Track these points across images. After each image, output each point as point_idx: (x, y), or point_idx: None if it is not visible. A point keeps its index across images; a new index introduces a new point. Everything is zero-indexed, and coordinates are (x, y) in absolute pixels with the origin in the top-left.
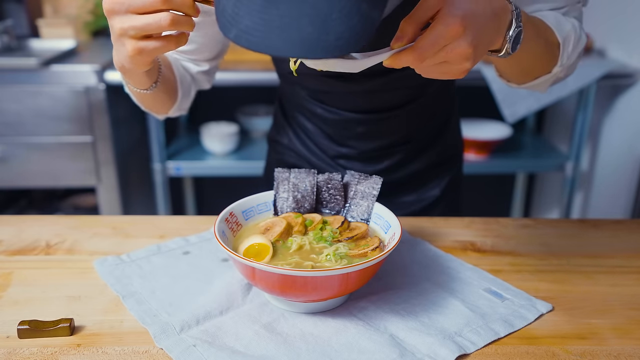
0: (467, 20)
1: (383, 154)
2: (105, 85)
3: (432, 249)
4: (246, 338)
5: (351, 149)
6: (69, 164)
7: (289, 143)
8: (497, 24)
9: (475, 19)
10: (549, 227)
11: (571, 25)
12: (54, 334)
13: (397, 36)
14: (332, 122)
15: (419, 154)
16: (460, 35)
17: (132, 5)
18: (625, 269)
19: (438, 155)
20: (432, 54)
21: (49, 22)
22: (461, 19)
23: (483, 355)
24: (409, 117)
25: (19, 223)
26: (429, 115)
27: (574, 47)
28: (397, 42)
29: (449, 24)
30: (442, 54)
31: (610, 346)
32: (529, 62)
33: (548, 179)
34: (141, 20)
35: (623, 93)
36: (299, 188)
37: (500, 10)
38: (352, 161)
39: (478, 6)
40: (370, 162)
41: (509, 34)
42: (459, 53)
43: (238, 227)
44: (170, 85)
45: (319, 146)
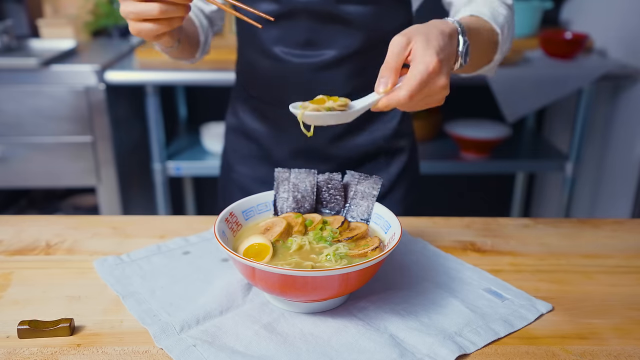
0: (440, 55)
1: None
2: (105, 85)
3: (432, 249)
4: (246, 338)
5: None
6: (69, 164)
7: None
8: (453, 47)
9: (443, 51)
10: (548, 227)
11: (504, 12)
12: (54, 334)
13: (380, 82)
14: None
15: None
16: (438, 71)
17: None
18: (625, 269)
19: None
20: (420, 91)
21: (49, 22)
22: (436, 55)
23: (483, 355)
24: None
25: (19, 223)
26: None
27: (509, 31)
28: (382, 87)
29: (428, 63)
30: (426, 90)
31: (610, 346)
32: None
33: (548, 179)
34: (138, 7)
35: (623, 93)
36: (299, 188)
37: (452, 32)
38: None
39: (439, 38)
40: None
41: (460, 50)
42: (439, 86)
43: (238, 227)
44: (193, 36)
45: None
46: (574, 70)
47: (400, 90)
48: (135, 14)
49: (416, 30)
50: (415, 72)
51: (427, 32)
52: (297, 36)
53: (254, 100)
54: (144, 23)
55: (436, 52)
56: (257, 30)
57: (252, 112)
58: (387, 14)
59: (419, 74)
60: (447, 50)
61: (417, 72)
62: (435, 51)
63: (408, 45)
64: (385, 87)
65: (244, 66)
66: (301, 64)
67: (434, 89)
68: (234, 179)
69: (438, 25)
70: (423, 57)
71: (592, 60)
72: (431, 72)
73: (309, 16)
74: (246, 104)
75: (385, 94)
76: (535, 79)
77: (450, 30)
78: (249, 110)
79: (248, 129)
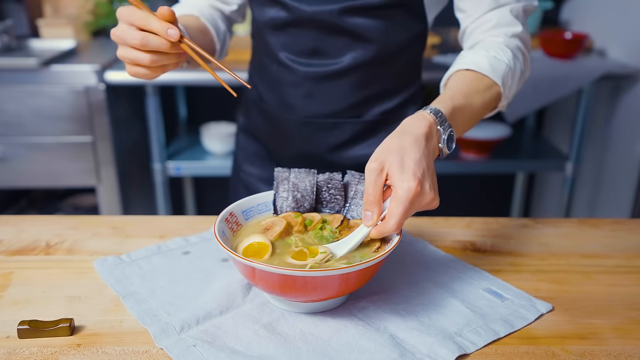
0: (419, 175)
1: (330, 124)
2: (105, 85)
3: (432, 249)
4: (246, 338)
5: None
6: (69, 164)
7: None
8: (430, 147)
9: (421, 167)
10: (548, 227)
11: (507, 60)
12: (54, 334)
13: (366, 216)
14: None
15: (369, 136)
16: (421, 191)
17: (125, 41)
18: (625, 269)
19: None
20: (406, 218)
21: (49, 22)
22: (414, 179)
23: (483, 355)
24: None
25: (19, 223)
26: (383, 91)
27: (513, 79)
28: (369, 222)
29: (408, 190)
30: (413, 210)
31: (610, 346)
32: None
33: (548, 179)
34: (131, 54)
35: (623, 93)
36: (299, 188)
37: (429, 131)
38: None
39: (414, 151)
40: (318, 132)
41: (441, 141)
42: (426, 202)
43: (238, 227)
44: (208, 48)
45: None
46: (574, 70)
47: (388, 222)
48: (129, 59)
49: (387, 149)
50: (396, 202)
51: (399, 147)
52: (304, 45)
53: (263, 102)
54: (139, 67)
55: (413, 173)
56: (265, 33)
57: (261, 114)
58: (397, 27)
59: (401, 203)
60: (424, 160)
61: (398, 202)
62: (412, 173)
63: (382, 171)
64: (371, 221)
65: (254, 65)
66: (307, 72)
67: (422, 206)
68: (241, 179)
69: (411, 129)
70: (401, 184)
71: (592, 60)
72: (413, 197)
73: (315, 26)
74: (256, 105)
75: (374, 226)
76: (535, 79)
77: (427, 129)
78: (258, 111)
79: (256, 130)
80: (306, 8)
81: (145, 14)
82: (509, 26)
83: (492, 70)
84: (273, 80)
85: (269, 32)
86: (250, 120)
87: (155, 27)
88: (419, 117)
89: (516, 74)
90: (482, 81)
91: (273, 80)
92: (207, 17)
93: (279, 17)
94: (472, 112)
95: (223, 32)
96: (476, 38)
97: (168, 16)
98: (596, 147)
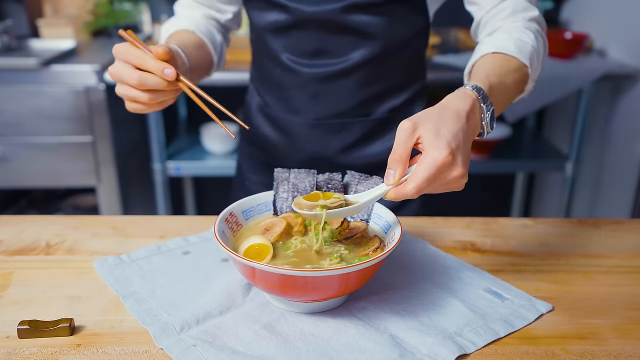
0: (453, 146)
1: (339, 124)
2: (105, 85)
3: (432, 249)
4: (246, 338)
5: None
6: (69, 164)
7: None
8: (471, 125)
9: (457, 140)
10: (549, 227)
11: (531, 41)
12: (54, 334)
13: (388, 174)
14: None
15: (379, 134)
16: (451, 162)
17: (123, 80)
18: (625, 269)
19: None
20: (428, 185)
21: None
22: (447, 148)
23: (483, 355)
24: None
25: (19, 223)
26: (389, 88)
27: (538, 61)
28: (390, 179)
29: (437, 157)
30: (439, 181)
31: (610, 346)
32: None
33: (548, 179)
34: (129, 92)
35: (623, 93)
36: (299, 188)
37: (471, 107)
38: (311, 133)
39: (453, 123)
40: (328, 134)
41: (484, 119)
42: (453, 177)
43: (238, 227)
44: (205, 62)
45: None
46: (574, 70)
47: (407, 185)
48: (128, 97)
49: (426, 115)
50: (423, 167)
51: (438, 117)
52: (306, 46)
53: (267, 107)
54: (137, 104)
55: (447, 142)
56: (266, 37)
57: (265, 119)
58: (400, 22)
59: (426, 169)
60: (462, 136)
61: (425, 167)
62: (446, 141)
63: (414, 132)
64: (393, 180)
65: (256, 71)
66: (311, 73)
67: (447, 180)
68: (246, 186)
69: (454, 105)
70: (432, 150)
71: (592, 60)
72: (441, 165)
73: (317, 26)
74: (260, 112)
75: (394, 186)
76: None
77: (469, 106)
78: (261, 116)
79: (260, 136)
80: (307, 8)
81: (140, 53)
82: (525, 11)
83: (519, 52)
84: (276, 85)
85: (270, 36)
86: (254, 129)
87: (151, 67)
88: (461, 94)
89: (540, 56)
90: (511, 62)
91: (276, 84)
92: (204, 31)
93: (279, 20)
94: (506, 92)
95: (220, 44)
96: (494, 26)
97: (163, 55)
98: (596, 147)
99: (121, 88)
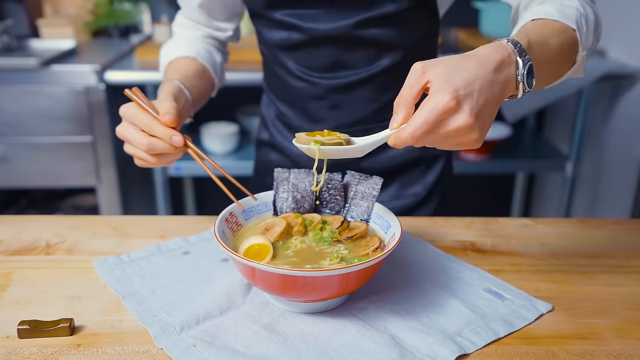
0: (461, 92)
1: (360, 131)
2: (105, 85)
3: (432, 249)
4: (246, 338)
5: (326, 125)
6: (69, 164)
7: (270, 138)
8: (501, 77)
9: (470, 87)
10: (549, 227)
11: (575, 5)
12: (54, 334)
13: (393, 118)
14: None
15: None
16: (454, 109)
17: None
18: (625, 269)
19: (422, 149)
20: (426, 132)
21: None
22: (452, 93)
23: (483, 355)
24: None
25: (19, 223)
26: None
27: (588, 26)
28: (394, 123)
29: (439, 101)
30: (441, 130)
31: (610, 346)
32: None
33: (548, 179)
34: (138, 154)
35: (623, 93)
36: (299, 188)
37: (500, 60)
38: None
39: (471, 71)
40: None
41: (520, 74)
42: (457, 127)
43: (238, 227)
44: (207, 88)
45: (297, 130)
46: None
47: (405, 128)
48: (137, 157)
49: (442, 59)
50: (422, 110)
51: (456, 62)
52: (321, 60)
53: (285, 116)
54: (145, 161)
55: (454, 87)
56: (278, 52)
57: (284, 127)
58: (415, 29)
59: (425, 112)
60: (478, 86)
61: (423, 110)
62: (454, 87)
63: (424, 74)
64: (396, 124)
65: (270, 82)
66: (329, 84)
67: (450, 131)
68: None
69: (481, 53)
70: (435, 94)
71: (592, 60)
72: (441, 110)
73: (332, 42)
74: (278, 120)
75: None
76: None
77: (501, 57)
78: (281, 125)
79: (279, 145)
80: (320, 27)
81: (148, 120)
82: None
83: (562, 16)
84: (294, 96)
85: (283, 52)
86: (271, 135)
87: (159, 133)
88: (495, 44)
89: (590, 20)
90: (555, 24)
91: (294, 95)
92: (204, 56)
93: (292, 38)
94: (550, 54)
95: (220, 64)
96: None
97: (170, 123)
98: (596, 147)
99: (130, 148)
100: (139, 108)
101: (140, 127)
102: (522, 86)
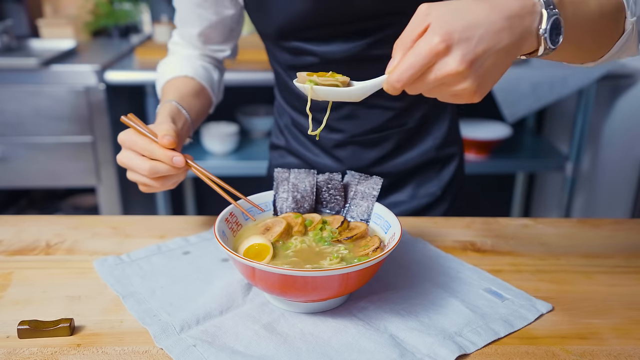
0: (455, 36)
1: (376, 138)
2: (105, 85)
3: (432, 249)
4: (246, 338)
5: (343, 134)
6: (69, 164)
7: (286, 144)
8: (516, 27)
9: (469, 32)
10: (548, 227)
11: None
12: (54, 334)
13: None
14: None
15: (414, 141)
16: (443, 53)
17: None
18: (625, 269)
19: (436, 149)
20: (413, 76)
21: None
22: (443, 35)
23: (483, 355)
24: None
25: (19, 223)
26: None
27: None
28: (388, 66)
29: (428, 42)
30: (431, 76)
31: (610, 346)
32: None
33: (548, 179)
34: (141, 179)
35: (623, 93)
36: (299, 188)
37: (520, 9)
38: (347, 148)
39: (479, 16)
40: (365, 148)
41: (542, 28)
42: (447, 72)
43: (238, 227)
44: (205, 107)
45: (312, 139)
46: (574, 70)
47: (393, 73)
48: (139, 182)
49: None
50: (411, 52)
51: (462, 6)
52: None
53: (299, 125)
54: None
55: (449, 30)
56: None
57: (300, 133)
58: None
59: (412, 54)
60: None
61: (411, 52)
62: (449, 29)
63: (426, 17)
64: (391, 67)
65: (283, 93)
66: None
67: (440, 77)
68: None
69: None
70: (427, 35)
71: None
72: (429, 53)
73: (345, 63)
74: (294, 126)
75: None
76: (535, 79)
77: (522, 4)
78: (296, 130)
79: (296, 151)
80: (334, 49)
81: (147, 144)
82: None
83: None
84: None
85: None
86: (286, 140)
87: (159, 156)
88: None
89: None
90: None
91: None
92: (202, 75)
93: (304, 61)
94: (587, 14)
95: (217, 81)
96: None
97: (169, 145)
98: (596, 147)
99: (133, 175)
100: (137, 133)
101: (140, 152)
102: (545, 42)
